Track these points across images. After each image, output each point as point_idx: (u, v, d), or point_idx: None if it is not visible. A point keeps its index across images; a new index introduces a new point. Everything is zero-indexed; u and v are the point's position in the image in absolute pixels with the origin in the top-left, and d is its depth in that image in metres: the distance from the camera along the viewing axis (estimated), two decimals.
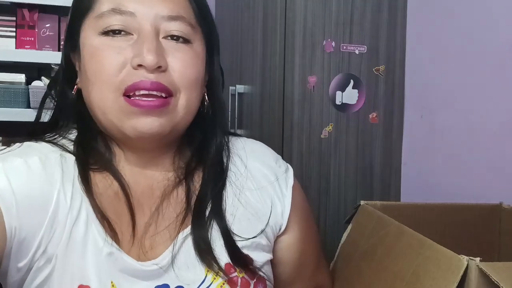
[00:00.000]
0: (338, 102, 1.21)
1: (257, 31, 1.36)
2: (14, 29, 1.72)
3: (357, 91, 1.22)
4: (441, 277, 0.59)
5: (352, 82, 1.22)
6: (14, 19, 1.72)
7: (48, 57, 1.70)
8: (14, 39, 1.72)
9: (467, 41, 1.08)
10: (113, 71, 0.61)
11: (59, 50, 1.76)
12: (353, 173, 1.23)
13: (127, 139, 0.65)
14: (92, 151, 0.67)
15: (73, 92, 0.68)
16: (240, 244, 0.67)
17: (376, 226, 0.81)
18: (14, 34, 1.72)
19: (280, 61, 1.19)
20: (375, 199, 1.22)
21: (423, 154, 1.21)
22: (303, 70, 1.19)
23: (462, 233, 0.92)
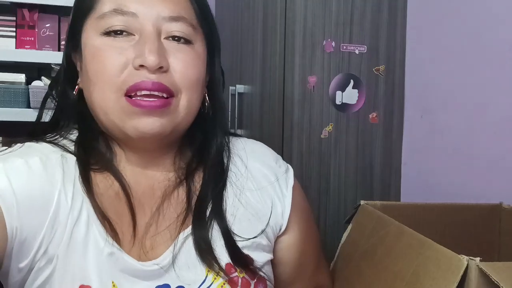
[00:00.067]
0: (338, 102, 1.21)
1: (257, 31, 1.36)
2: (14, 29, 1.72)
3: (357, 91, 1.22)
4: (441, 277, 0.59)
5: (352, 82, 1.22)
6: (14, 19, 1.72)
7: (48, 57, 1.69)
8: (14, 39, 1.72)
9: (467, 41, 1.08)
10: (115, 72, 0.61)
11: (59, 50, 1.76)
12: (353, 173, 1.23)
13: (128, 139, 0.65)
14: (93, 151, 0.67)
15: (74, 92, 0.68)
16: (240, 244, 0.67)
17: (376, 226, 0.81)
18: (14, 34, 1.72)
19: (280, 61, 1.19)
20: (375, 199, 1.22)
21: (423, 154, 1.21)
22: (303, 70, 1.19)
23: (462, 233, 0.92)
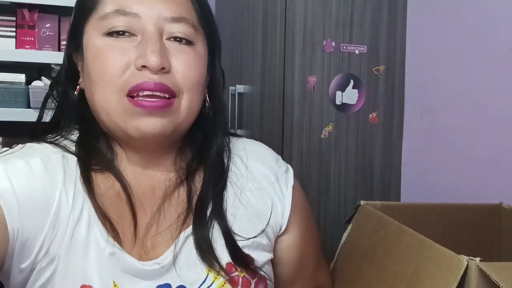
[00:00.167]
0: (338, 102, 1.21)
1: (257, 31, 1.36)
2: (14, 29, 1.72)
3: (357, 91, 1.22)
4: (441, 277, 0.60)
5: (352, 82, 1.22)
6: (14, 19, 1.72)
7: (48, 57, 1.70)
8: (14, 39, 1.72)
9: (467, 41, 1.08)
10: (117, 72, 0.61)
11: (59, 50, 1.76)
12: (353, 173, 1.23)
13: (129, 139, 0.65)
14: (93, 151, 0.67)
15: (76, 92, 0.68)
16: (241, 243, 0.67)
17: (376, 226, 0.81)
18: (14, 34, 1.72)
19: (280, 61, 1.20)
20: (375, 199, 1.22)
21: (423, 154, 1.21)
22: (303, 70, 1.19)
23: (462, 233, 0.92)
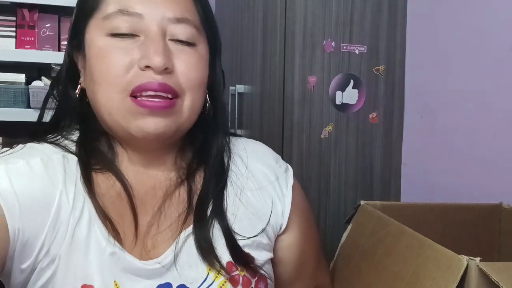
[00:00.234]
0: (338, 102, 1.21)
1: (257, 31, 1.36)
2: (14, 29, 1.72)
3: (357, 91, 1.22)
4: (441, 277, 0.60)
5: (352, 82, 1.22)
6: (14, 19, 1.72)
7: (48, 57, 1.70)
8: (14, 39, 1.72)
9: (467, 41, 1.08)
10: (120, 72, 0.61)
11: (59, 50, 1.76)
12: (353, 173, 1.23)
13: (131, 139, 0.65)
14: (94, 151, 0.67)
15: (77, 92, 0.68)
16: (241, 243, 0.67)
17: (376, 226, 0.81)
18: (14, 34, 1.72)
19: (280, 61, 1.19)
20: (375, 199, 1.22)
21: (423, 154, 1.21)
22: (303, 70, 1.19)
23: (462, 233, 0.92)
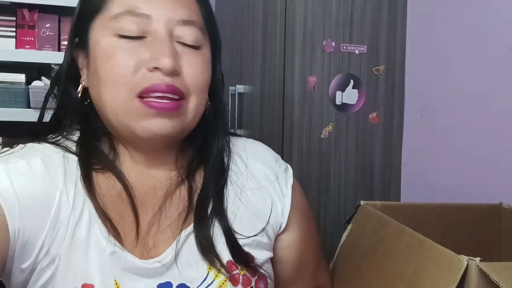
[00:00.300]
0: (338, 102, 1.21)
1: (257, 31, 1.36)
2: (14, 29, 1.72)
3: (357, 91, 1.22)
4: (441, 277, 0.59)
5: (352, 82, 1.22)
6: (14, 19, 1.72)
7: (48, 57, 1.70)
8: (14, 39, 1.72)
9: (467, 41, 1.08)
10: (128, 73, 0.61)
11: (59, 50, 1.76)
12: (353, 173, 1.23)
13: (135, 139, 0.65)
14: (94, 151, 0.67)
15: (79, 91, 0.67)
16: (241, 242, 0.67)
17: (376, 226, 0.81)
18: (14, 34, 1.72)
19: (280, 61, 1.19)
20: (375, 199, 1.22)
21: (423, 154, 1.21)
22: (303, 70, 1.19)
23: (462, 233, 0.92)
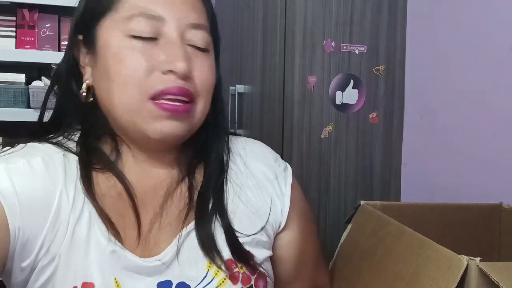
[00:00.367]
0: (338, 102, 1.21)
1: (257, 31, 1.36)
2: (14, 29, 1.72)
3: (357, 91, 1.22)
4: (441, 277, 0.59)
5: (352, 82, 1.22)
6: (14, 19, 1.72)
7: (48, 57, 1.70)
8: (14, 39, 1.72)
9: (467, 41, 1.08)
10: (141, 75, 0.61)
11: (59, 50, 1.76)
12: (353, 173, 1.23)
13: (142, 139, 0.65)
14: (95, 151, 0.67)
15: (83, 90, 0.67)
16: (241, 240, 0.68)
17: (376, 226, 0.81)
18: (14, 34, 1.72)
19: (280, 61, 1.19)
20: (375, 199, 1.22)
21: (423, 154, 1.21)
22: (303, 70, 1.19)
23: (462, 233, 0.92)
